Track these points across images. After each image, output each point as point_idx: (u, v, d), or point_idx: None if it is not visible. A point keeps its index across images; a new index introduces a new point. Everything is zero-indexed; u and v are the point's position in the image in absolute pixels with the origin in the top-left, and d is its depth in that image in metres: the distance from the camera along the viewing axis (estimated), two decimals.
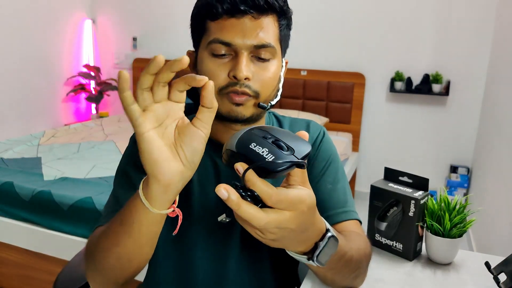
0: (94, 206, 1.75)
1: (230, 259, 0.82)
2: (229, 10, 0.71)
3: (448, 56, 3.10)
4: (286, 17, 0.77)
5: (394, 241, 0.95)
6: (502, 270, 0.75)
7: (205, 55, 0.75)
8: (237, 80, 0.72)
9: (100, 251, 0.65)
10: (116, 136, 2.90)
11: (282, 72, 0.80)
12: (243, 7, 0.71)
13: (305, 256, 0.60)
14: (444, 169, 3.27)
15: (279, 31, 0.76)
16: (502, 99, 2.37)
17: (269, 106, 0.77)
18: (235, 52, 0.73)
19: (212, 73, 0.74)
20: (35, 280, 1.94)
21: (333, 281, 0.74)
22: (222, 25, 0.72)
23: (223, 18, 0.72)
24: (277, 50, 0.76)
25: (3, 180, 1.97)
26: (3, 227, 1.94)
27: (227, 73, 0.73)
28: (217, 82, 0.74)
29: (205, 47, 0.75)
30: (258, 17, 0.72)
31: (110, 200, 0.81)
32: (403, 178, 0.97)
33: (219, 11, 0.72)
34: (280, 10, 0.75)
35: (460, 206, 0.90)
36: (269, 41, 0.73)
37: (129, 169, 0.81)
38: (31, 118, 3.66)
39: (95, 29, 4.16)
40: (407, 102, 3.27)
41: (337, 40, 3.38)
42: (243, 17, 0.71)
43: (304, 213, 0.51)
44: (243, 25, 0.71)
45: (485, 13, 2.97)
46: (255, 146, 0.48)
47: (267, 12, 0.73)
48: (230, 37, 0.72)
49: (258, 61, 0.74)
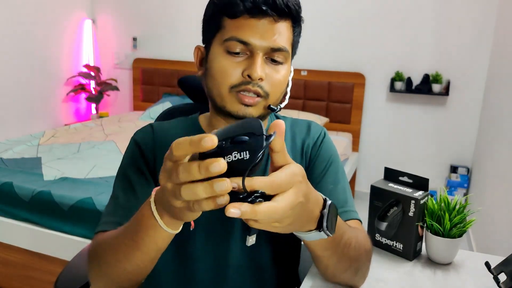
0: (94, 206, 1.75)
1: (230, 260, 0.82)
2: (250, 9, 0.71)
3: (448, 56, 3.10)
4: (299, 24, 0.79)
5: (394, 241, 0.95)
6: (502, 270, 0.75)
7: (219, 51, 0.75)
8: (251, 79, 0.73)
9: (107, 262, 0.66)
10: (116, 136, 2.90)
11: (290, 77, 0.82)
12: (265, 7, 0.71)
13: (315, 230, 0.61)
14: (444, 169, 3.27)
15: (293, 36, 0.78)
16: (502, 99, 2.37)
17: (278, 109, 0.78)
18: (250, 52, 0.74)
19: (226, 70, 0.74)
20: (35, 280, 1.94)
21: (334, 273, 0.74)
22: (241, 24, 0.73)
23: (243, 17, 0.72)
24: (289, 55, 0.77)
25: (3, 180, 1.97)
26: (3, 227, 1.94)
27: (241, 72, 0.73)
28: (230, 80, 0.74)
29: (220, 44, 0.75)
30: (277, 20, 0.73)
31: (110, 203, 0.81)
32: (403, 178, 0.98)
33: (240, 9, 0.72)
34: (297, 16, 0.76)
35: (460, 206, 0.91)
36: (284, 45, 0.74)
37: (130, 173, 0.81)
38: (31, 118, 3.66)
39: (95, 29, 4.16)
40: (407, 102, 3.27)
41: (337, 40, 3.38)
42: (263, 18, 0.72)
43: (301, 182, 0.52)
44: (261, 27, 0.72)
45: (485, 13, 2.97)
46: (226, 157, 0.46)
47: (285, 16, 0.74)
48: (248, 36, 0.72)
49: (271, 64, 0.75)
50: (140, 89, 4.06)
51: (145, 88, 4.04)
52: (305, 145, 0.88)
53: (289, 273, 0.93)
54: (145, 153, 0.82)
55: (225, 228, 0.81)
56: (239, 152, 0.45)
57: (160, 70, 3.92)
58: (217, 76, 0.75)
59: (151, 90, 4.01)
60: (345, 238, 0.68)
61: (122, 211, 0.77)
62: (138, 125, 3.14)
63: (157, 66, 3.93)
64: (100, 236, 0.73)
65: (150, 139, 0.84)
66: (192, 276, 0.83)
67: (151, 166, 0.82)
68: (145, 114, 3.50)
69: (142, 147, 0.83)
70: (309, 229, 0.60)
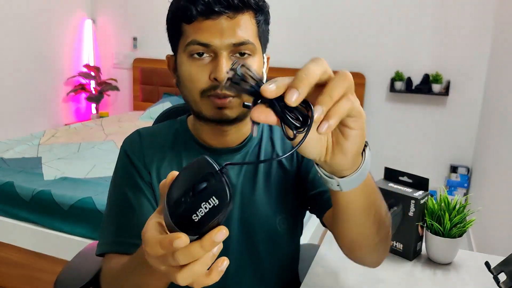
0: (95, 206, 1.76)
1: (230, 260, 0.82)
2: (203, 12, 0.70)
3: (448, 56, 3.10)
4: (263, 12, 0.76)
5: (394, 241, 0.95)
6: (502, 270, 0.75)
7: (184, 58, 0.74)
8: (218, 82, 0.71)
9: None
10: (116, 136, 2.90)
11: (264, 68, 0.79)
12: (218, 8, 0.69)
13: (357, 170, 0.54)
14: (444, 169, 3.27)
15: (257, 27, 0.75)
16: (502, 99, 2.37)
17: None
18: (214, 53, 0.72)
19: (193, 76, 0.73)
20: (35, 280, 1.94)
21: (366, 236, 0.66)
22: (198, 27, 0.71)
23: (198, 20, 0.71)
24: (257, 46, 0.75)
25: (3, 180, 1.97)
26: (3, 227, 1.94)
27: (208, 75, 0.72)
28: (199, 85, 0.73)
29: (183, 50, 0.74)
30: (234, 16, 0.71)
31: (110, 221, 0.80)
32: (403, 178, 0.98)
33: (193, 13, 0.70)
34: (256, 6, 0.74)
35: (460, 206, 0.91)
36: (247, 38, 0.72)
37: (126, 189, 0.80)
38: (31, 118, 3.66)
39: (95, 29, 4.16)
40: (407, 102, 3.27)
41: (337, 40, 3.38)
42: (218, 17, 0.70)
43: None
44: (219, 26, 0.70)
45: (485, 13, 2.97)
46: (198, 212, 0.42)
47: (243, 10, 0.72)
48: (207, 38, 0.71)
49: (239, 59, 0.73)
50: (140, 89, 4.06)
51: (145, 88, 4.04)
52: None
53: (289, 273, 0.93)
54: (135, 163, 0.82)
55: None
56: (207, 202, 0.41)
57: (160, 70, 3.91)
58: (187, 83, 0.74)
59: (151, 90, 4.01)
60: (379, 195, 0.64)
61: (124, 229, 0.77)
62: (138, 125, 3.14)
63: (157, 66, 3.93)
64: (112, 262, 0.73)
65: (139, 145, 0.84)
66: None
67: (142, 173, 0.82)
68: (145, 114, 3.50)
69: (132, 157, 0.83)
70: (354, 170, 0.54)
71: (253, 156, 0.84)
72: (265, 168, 0.84)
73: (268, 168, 0.85)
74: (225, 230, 0.41)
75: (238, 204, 0.82)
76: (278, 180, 0.85)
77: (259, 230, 0.83)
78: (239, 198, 0.82)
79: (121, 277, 0.67)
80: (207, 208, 0.41)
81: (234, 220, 0.82)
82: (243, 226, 0.82)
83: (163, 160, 0.82)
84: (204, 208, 0.41)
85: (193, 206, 0.42)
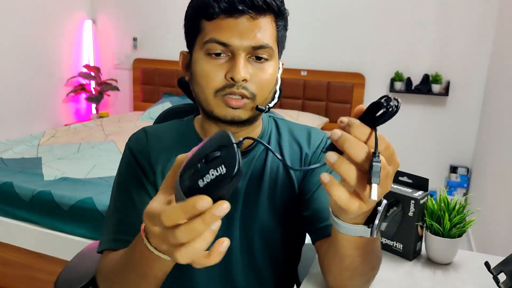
0: (95, 206, 1.75)
1: (229, 260, 0.82)
2: (226, 10, 0.70)
3: (448, 56, 3.10)
4: (283, 17, 0.76)
5: (394, 241, 0.95)
6: (501, 270, 0.76)
7: (200, 55, 0.73)
8: (234, 81, 0.71)
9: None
10: (116, 136, 2.90)
11: (279, 73, 0.79)
12: (241, 6, 0.69)
13: (363, 225, 0.57)
14: (444, 169, 3.27)
15: (276, 32, 0.75)
16: (502, 99, 2.37)
17: (267, 109, 0.76)
18: (231, 53, 0.72)
19: (208, 74, 0.72)
20: (35, 280, 1.94)
21: (350, 276, 0.69)
22: (219, 25, 0.71)
23: (220, 18, 0.71)
24: (275, 51, 0.75)
25: (3, 180, 1.97)
26: (3, 227, 1.94)
27: (223, 74, 0.71)
28: (214, 84, 0.72)
29: (200, 47, 0.73)
30: (256, 17, 0.71)
31: (112, 216, 0.80)
32: (403, 178, 0.98)
33: (216, 10, 0.70)
34: (278, 10, 0.74)
35: (459, 206, 0.91)
36: (266, 41, 0.72)
37: (129, 186, 0.80)
38: (31, 118, 3.66)
39: (95, 29, 4.16)
40: (407, 102, 3.27)
41: (337, 40, 3.38)
42: (240, 17, 0.70)
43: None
44: (240, 26, 0.70)
45: (485, 13, 2.97)
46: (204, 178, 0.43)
47: (265, 12, 0.72)
48: (227, 37, 0.70)
49: (255, 62, 0.73)
50: (140, 89, 4.06)
51: (145, 88, 4.04)
52: (303, 153, 0.86)
53: (289, 273, 0.93)
54: (141, 162, 0.82)
55: (224, 230, 0.81)
56: (215, 169, 0.43)
57: (160, 70, 3.92)
58: (201, 81, 0.73)
59: (151, 90, 4.01)
60: (377, 243, 0.66)
61: (125, 227, 0.76)
62: (138, 125, 3.14)
63: (157, 66, 3.93)
64: (108, 258, 0.73)
65: (145, 144, 0.83)
66: (192, 277, 0.83)
67: (147, 172, 0.81)
68: (145, 114, 3.50)
69: (137, 155, 0.82)
70: (358, 222, 0.56)
71: (260, 161, 0.83)
72: (272, 174, 0.83)
73: (275, 174, 0.84)
74: (227, 205, 0.41)
75: (240, 207, 0.82)
76: (283, 188, 0.84)
77: (257, 238, 0.83)
78: (242, 200, 0.82)
79: (116, 272, 0.66)
80: (214, 175, 0.43)
81: (236, 219, 0.82)
82: (243, 227, 0.82)
83: (168, 161, 0.82)
84: (211, 175, 0.43)
85: (202, 172, 0.43)
